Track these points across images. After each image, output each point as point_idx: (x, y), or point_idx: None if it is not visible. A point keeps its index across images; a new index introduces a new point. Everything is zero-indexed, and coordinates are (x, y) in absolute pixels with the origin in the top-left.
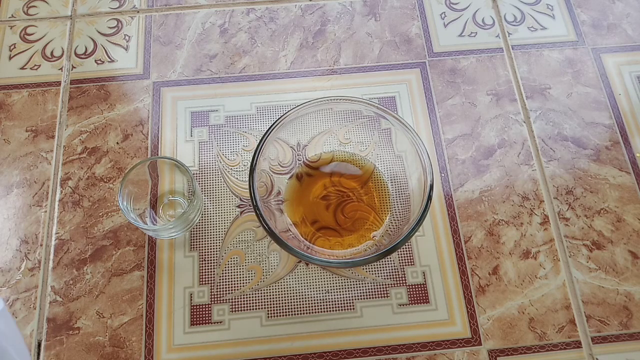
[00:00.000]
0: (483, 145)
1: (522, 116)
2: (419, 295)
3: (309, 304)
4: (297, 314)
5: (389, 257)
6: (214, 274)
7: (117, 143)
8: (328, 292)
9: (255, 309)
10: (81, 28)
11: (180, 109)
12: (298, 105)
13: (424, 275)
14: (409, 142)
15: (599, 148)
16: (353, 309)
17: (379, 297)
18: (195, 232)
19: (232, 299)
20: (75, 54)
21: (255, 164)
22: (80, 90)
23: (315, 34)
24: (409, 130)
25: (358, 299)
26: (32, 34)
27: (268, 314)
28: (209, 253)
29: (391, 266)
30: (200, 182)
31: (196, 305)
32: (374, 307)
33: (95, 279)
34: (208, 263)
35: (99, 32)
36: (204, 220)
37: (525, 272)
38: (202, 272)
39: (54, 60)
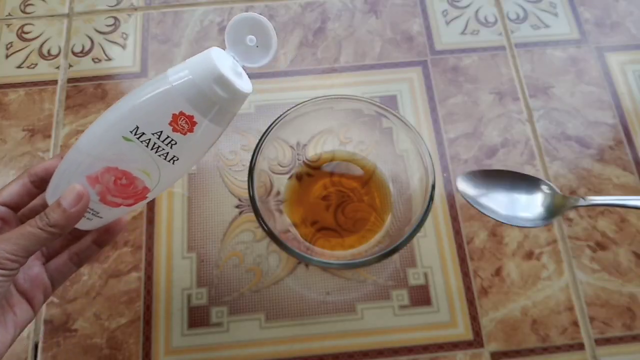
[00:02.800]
0: (486, 145)
1: (525, 115)
2: (421, 297)
3: (308, 305)
4: (297, 316)
5: (390, 258)
6: (212, 276)
7: None
8: (328, 294)
9: (255, 311)
10: (78, 26)
11: None
12: (298, 104)
13: (426, 276)
14: (411, 141)
15: (602, 147)
16: (354, 311)
17: (380, 299)
18: (193, 233)
19: (230, 301)
20: (72, 53)
21: (254, 163)
22: (77, 89)
23: (315, 31)
24: (411, 130)
25: (359, 301)
26: (29, 32)
27: (267, 316)
28: (208, 254)
29: (392, 267)
30: (198, 182)
31: (194, 307)
32: (375, 309)
33: (92, 280)
34: (206, 264)
35: (96, 30)
36: (202, 221)
37: (528, 273)
38: (201, 274)
39: (50, 59)
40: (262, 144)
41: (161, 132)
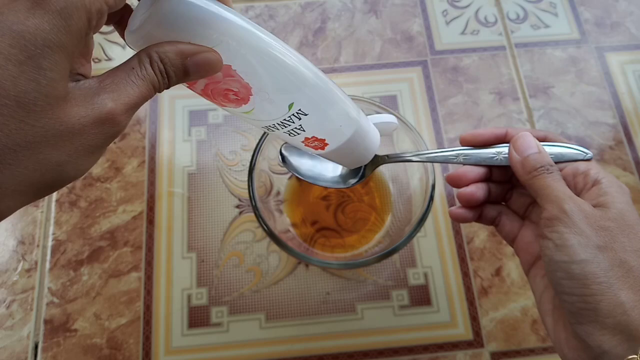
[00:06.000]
0: None
1: (525, 115)
2: (421, 296)
3: (308, 305)
4: (297, 316)
5: (390, 258)
6: (212, 276)
7: (114, 142)
8: (328, 294)
9: (255, 311)
10: None
11: (178, 107)
12: None
13: (426, 276)
14: (411, 141)
15: (602, 148)
16: (354, 311)
17: (380, 299)
18: (193, 233)
19: (230, 301)
20: None
21: (255, 163)
22: None
23: (315, 31)
24: (411, 130)
25: (359, 301)
26: None
27: (267, 316)
28: (208, 254)
29: (392, 267)
30: (198, 182)
31: (194, 307)
32: (375, 309)
33: (92, 280)
34: (206, 264)
35: None
36: (202, 221)
37: None
38: (201, 274)
39: None
40: (262, 144)
41: (304, 132)
